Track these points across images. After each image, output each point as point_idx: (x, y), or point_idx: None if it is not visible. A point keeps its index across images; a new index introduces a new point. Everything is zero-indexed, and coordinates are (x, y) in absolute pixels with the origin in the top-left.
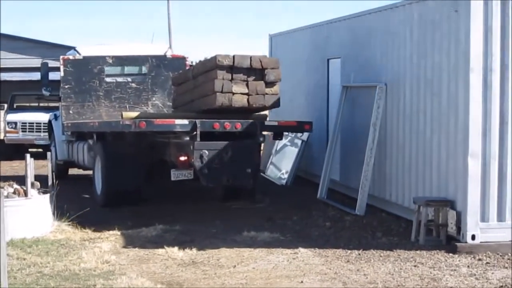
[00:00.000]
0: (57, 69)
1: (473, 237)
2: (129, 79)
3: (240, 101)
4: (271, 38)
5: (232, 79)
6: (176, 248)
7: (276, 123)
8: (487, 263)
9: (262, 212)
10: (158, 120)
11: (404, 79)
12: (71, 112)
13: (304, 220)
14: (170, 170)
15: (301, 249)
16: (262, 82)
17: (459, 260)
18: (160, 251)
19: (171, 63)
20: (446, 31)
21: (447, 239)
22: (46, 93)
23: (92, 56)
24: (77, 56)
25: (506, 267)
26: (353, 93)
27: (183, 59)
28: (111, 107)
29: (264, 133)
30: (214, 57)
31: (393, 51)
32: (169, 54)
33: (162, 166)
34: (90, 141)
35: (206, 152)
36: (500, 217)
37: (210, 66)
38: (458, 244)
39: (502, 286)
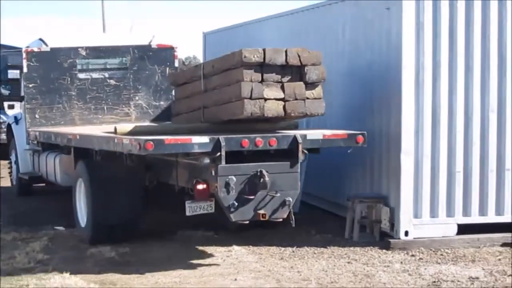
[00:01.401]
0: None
1: (406, 233)
2: (107, 75)
3: (274, 109)
4: (205, 36)
5: (262, 80)
6: (109, 248)
7: (321, 136)
8: (420, 259)
9: None
10: (169, 139)
11: (338, 77)
12: (37, 116)
13: None
14: (185, 202)
15: (235, 247)
16: (302, 83)
17: (392, 256)
18: (93, 250)
19: (157, 54)
20: (378, 28)
21: (380, 236)
22: (5, 92)
23: (62, 48)
24: (44, 48)
25: (439, 263)
26: None
27: (171, 49)
28: (86, 109)
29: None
30: (239, 52)
31: (325, 48)
32: (154, 44)
33: (162, 192)
34: (66, 156)
35: (234, 178)
36: (433, 213)
37: (232, 63)
38: (391, 240)
39: (434, 281)
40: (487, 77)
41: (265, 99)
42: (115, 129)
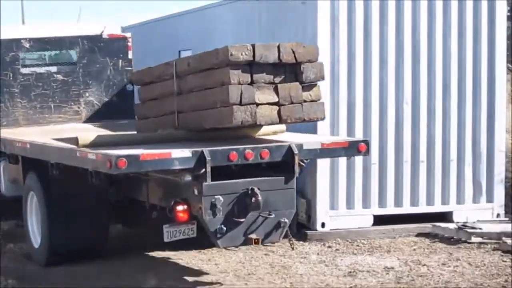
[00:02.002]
0: None
1: (323, 225)
2: (54, 69)
3: (268, 115)
4: (123, 31)
5: (252, 81)
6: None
7: (319, 146)
8: (337, 250)
9: None
10: (145, 154)
11: None
12: None
13: None
14: (163, 227)
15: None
16: (297, 83)
17: (309, 248)
18: None
19: (108, 46)
20: (293, 22)
21: (297, 228)
22: None
23: (2, 40)
24: None
25: (355, 254)
26: None
27: (124, 39)
28: (31, 108)
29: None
30: (224, 50)
31: (242, 41)
32: (105, 34)
33: (130, 209)
34: (14, 165)
35: (221, 198)
36: (349, 205)
37: (215, 62)
38: (308, 232)
39: (350, 272)
40: (401, 71)
41: (257, 104)
42: (77, 140)
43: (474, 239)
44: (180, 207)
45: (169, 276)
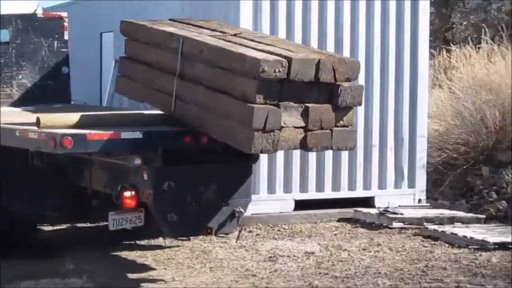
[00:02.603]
0: None
1: None
2: None
3: (291, 139)
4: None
5: (279, 100)
6: None
7: None
8: (257, 234)
9: None
10: (93, 134)
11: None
12: None
13: None
14: (108, 214)
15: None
16: (331, 106)
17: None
18: None
19: (43, 26)
20: (217, 10)
21: None
22: None
23: None
24: None
25: (276, 238)
26: None
27: (59, 19)
28: None
29: None
30: (253, 60)
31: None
32: (40, 13)
33: (74, 197)
34: None
35: (173, 184)
36: (270, 190)
37: (238, 68)
38: None
39: (271, 256)
40: None
41: (281, 128)
42: (38, 120)
43: (395, 224)
44: (127, 193)
45: (86, 260)
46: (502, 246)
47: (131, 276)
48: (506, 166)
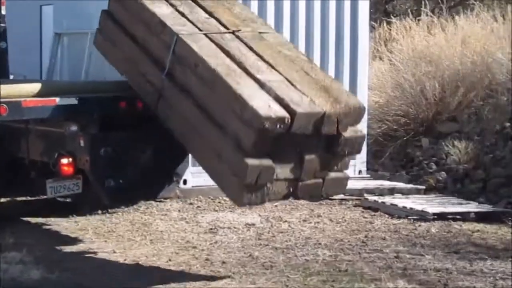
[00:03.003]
0: None
1: (184, 182)
2: None
3: (280, 192)
4: None
5: (276, 153)
6: None
7: None
8: (198, 207)
9: None
10: (28, 101)
11: None
12: None
13: None
14: (46, 182)
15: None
16: (327, 156)
17: (170, 205)
18: None
19: None
20: None
21: None
22: None
23: None
24: None
25: (217, 210)
26: (66, 40)
27: None
28: None
29: None
30: (255, 115)
31: None
32: None
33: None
34: None
35: (109, 150)
36: None
37: (237, 111)
38: None
39: (211, 228)
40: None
41: (273, 180)
42: None
43: (335, 195)
44: (64, 160)
45: (26, 234)
46: (441, 216)
47: (71, 248)
48: (446, 138)
